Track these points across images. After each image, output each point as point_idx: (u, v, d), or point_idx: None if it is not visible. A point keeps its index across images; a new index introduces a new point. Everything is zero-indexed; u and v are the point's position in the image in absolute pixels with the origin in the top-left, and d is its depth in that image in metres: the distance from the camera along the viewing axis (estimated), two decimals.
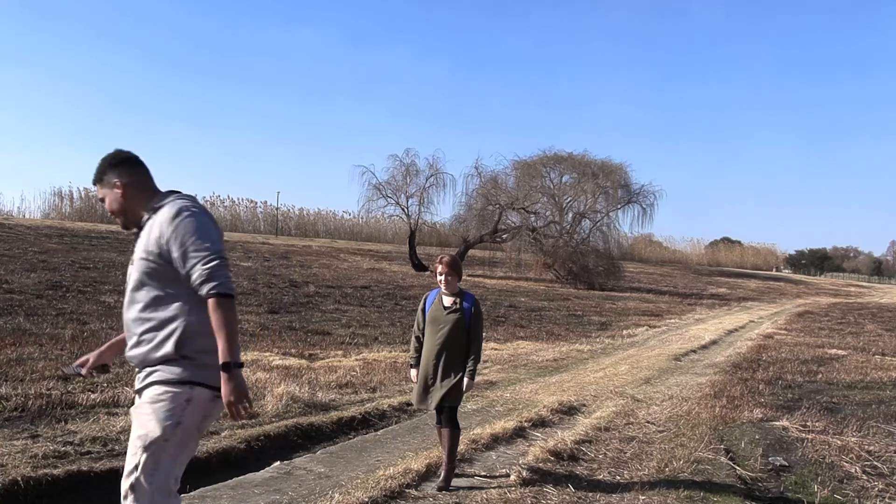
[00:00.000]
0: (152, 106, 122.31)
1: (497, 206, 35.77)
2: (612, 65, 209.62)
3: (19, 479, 4.05)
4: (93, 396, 6.22)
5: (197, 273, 2.46)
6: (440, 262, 4.49)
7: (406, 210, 35.19)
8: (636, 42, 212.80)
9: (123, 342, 2.69)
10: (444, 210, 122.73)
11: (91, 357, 2.84)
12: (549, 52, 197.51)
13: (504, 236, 36.52)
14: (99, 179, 2.68)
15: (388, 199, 35.17)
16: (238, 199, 49.58)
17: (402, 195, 35.05)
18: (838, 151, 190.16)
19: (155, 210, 2.59)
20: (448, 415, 4.45)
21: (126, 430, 5.19)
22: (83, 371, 2.82)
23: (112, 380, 7.08)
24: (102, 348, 2.87)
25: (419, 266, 32.14)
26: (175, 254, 2.48)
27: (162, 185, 2.72)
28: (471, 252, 36.66)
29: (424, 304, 4.58)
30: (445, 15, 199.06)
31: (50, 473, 4.22)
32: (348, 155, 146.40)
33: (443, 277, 4.46)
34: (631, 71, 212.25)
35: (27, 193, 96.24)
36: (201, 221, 2.53)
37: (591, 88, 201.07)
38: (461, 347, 4.42)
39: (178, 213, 2.51)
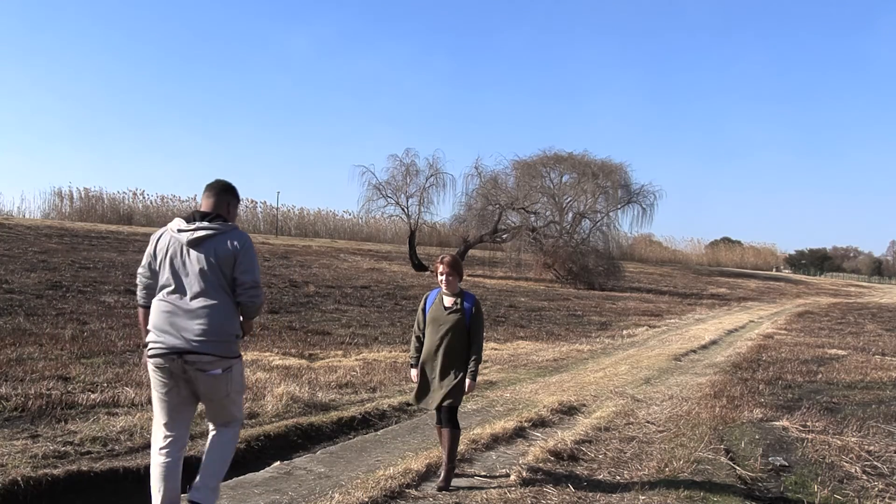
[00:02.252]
0: (152, 105, 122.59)
1: (497, 206, 35.77)
2: (612, 63, 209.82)
3: (19, 479, 4.05)
4: (93, 396, 6.22)
5: None
6: (441, 262, 4.49)
7: (406, 210, 35.22)
8: (636, 40, 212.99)
9: None
10: (444, 210, 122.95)
11: None
12: (549, 50, 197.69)
13: (504, 236, 36.52)
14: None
15: (388, 199, 35.21)
16: None
17: (402, 195, 35.10)
18: (838, 151, 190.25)
19: None
20: (448, 415, 4.45)
21: (126, 430, 5.20)
22: None
23: (112, 380, 7.08)
24: None
25: (419, 266, 32.15)
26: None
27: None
28: (471, 252, 36.66)
29: (425, 303, 4.57)
30: (444, 14, 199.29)
31: (50, 473, 4.21)
32: (348, 155, 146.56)
33: (443, 277, 4.46)
34: (631, 70, 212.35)
35: (27, 193, 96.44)
36: None
37: (592, 87, 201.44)
38: (462, 347, 4.41)
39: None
